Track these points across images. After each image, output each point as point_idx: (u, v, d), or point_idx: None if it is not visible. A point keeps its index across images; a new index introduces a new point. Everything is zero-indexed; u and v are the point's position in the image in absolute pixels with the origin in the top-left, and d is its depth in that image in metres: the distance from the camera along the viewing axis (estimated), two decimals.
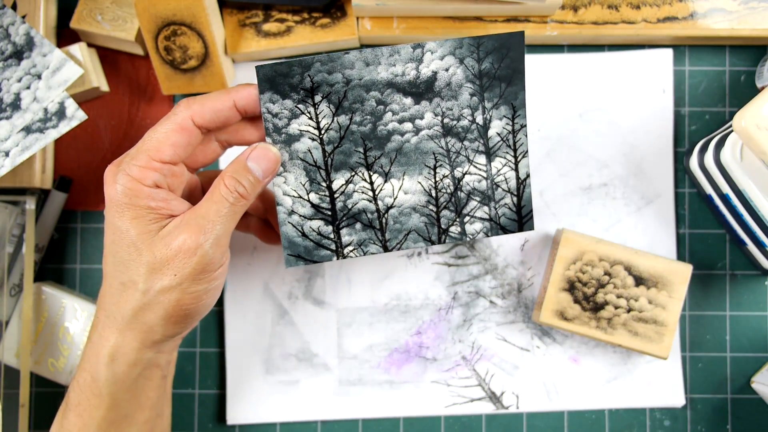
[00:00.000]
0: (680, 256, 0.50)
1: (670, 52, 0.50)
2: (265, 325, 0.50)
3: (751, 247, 0.47)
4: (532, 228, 0.43)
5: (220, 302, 0.50)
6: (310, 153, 0.41)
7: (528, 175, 0.43)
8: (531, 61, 0.50)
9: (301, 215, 0.42)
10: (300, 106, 0.40)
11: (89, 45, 0.49)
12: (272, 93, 0.40)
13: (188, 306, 0.37)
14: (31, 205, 0.48)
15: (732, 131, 0.43)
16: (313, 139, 0.41)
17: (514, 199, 0.43)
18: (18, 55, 0.45)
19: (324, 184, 0.42)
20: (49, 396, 0.50)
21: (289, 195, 0.41)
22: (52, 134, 0.45)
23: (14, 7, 0.47)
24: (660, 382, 0.49)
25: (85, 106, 0.50)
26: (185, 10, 0.45)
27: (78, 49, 0.47)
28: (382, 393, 0.49)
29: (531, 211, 0.43)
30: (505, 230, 0.43)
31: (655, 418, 0.50)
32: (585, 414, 0.50)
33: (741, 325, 0.50)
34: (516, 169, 0.43)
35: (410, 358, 0.50)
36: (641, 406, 0.50)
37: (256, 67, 0.40)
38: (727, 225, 0.48)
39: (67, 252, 0.51)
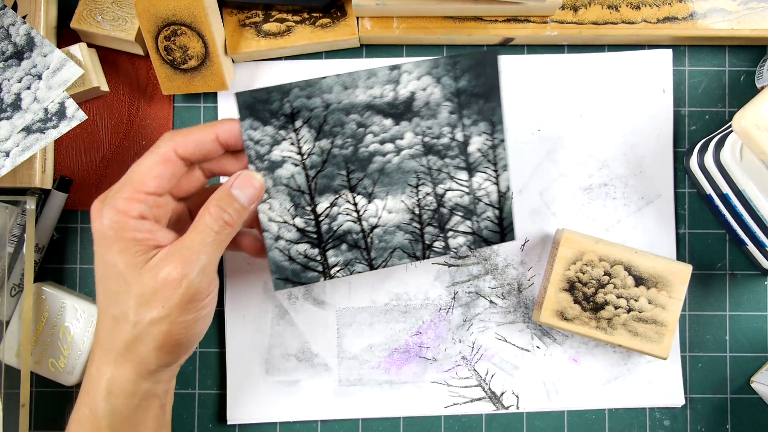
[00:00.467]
0: (680, 256, 0.50)
1: (669, 52, 0.50)
2: (265, 326, 0.50)
3: (751, 247, 0.47)
4: (513, 239, 0.44)
5: (221, 302, 0.50)
6: (294, 178, 0.42)
7: (509, 188, 0.43)
8: (531, 61, 0.50)
9: (287, 240, 0.42)
10: (281, 132, 0.41)
11: (89, 45, 0.49)
12: (253, 120, 0.40)
13: (178, 336, 0.37)
14: (31, 205, 0.48)
15: (732, 131, 0.43)
16: (296, 165, 0.42)
17: (496, 212, 0.44)
18: (18, 55, 0.45)
19: (309, 208, 0.42)
20: (49, 396, 0.50)
21: (274, 221, 0.42)
22: (53, 134, 0.45)
23: (15, 7, 0.47)
24: (660, 382, 0.49)
25: (85, 106, 0.50)
26: (185, 10, 0.45)
27: (78, 49, 0.47)
28: (382, 393, 0.49)
29: (512, 222, 0.44)
30: (488, 242, 0.44)
31: (655, 418, 0.50)
32: (585, 414, 0.50)
33: (741, 325, 0.50)
34: (497, 183, 0.43)
35: (410, 358, 0.50)
36: (641, 406, 0.50)
37: (235, 94, 0.40)
38: (727, 225, 0.48)
39: (67, 252, 0.51)
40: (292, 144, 0.41)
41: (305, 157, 0.42)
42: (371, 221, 0.43)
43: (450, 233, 0.44)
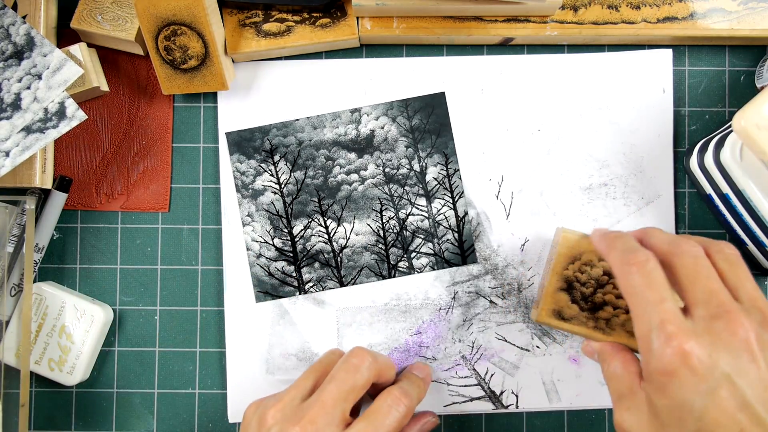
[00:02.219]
0: None
1: (669, 52, 0.50)
2: (265, 325, 0.50)
3: (751, 247, 0.47)
4: (475, 261, 0.49)
5: (221, 302, 0.50)
6: (273, 204, 0.49)
7: (466, 213, 0.49)
8: (531, 61, 0.50)
9: (267, 257, 0.49)
10: (263, 164, 0.49)
11: (89, 45, 0.49)
12: (239, 154, 0.49)
13: None
14: (31, 205, 0.48)
15: (732, 131, 0.43)
16: (275, 192, 0.49)
17: (456, 235, 0.49)
18: (18, 55, 0.45)
19: (286, 230, 0.49)
20: (49, 396, 0.50)
21: (256, 241, 0.49)
22: (53, 134, 0.45)
23: (15, 7, 0.47)
24: None
25: (85, 106, 0.50)
26: (185, 10, 0.45)
27: (78, 49, 0.47)
28: None
29: (472, 245, 0.49)
30: (450, 263, 0.49)
31: None
32: (585, 414, 0.50)
33: None
34: (454, 208, 0.49)
35: (410, 357, 0.50)
36: None
37: (225, 133, 0.49)
38: (727, 225, 0.48)
39: (67, 252, 0.51)
40: (271, 175, 0.49)
41: (283, 186, 0.49)
42: (340, 242, 0.49)
43: (413, 254, 0.49)
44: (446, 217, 0.49)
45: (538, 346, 0.50)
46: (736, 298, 0.35)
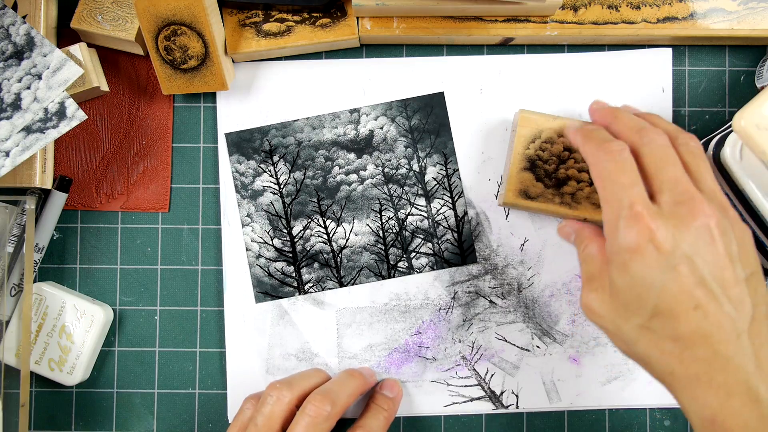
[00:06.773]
0: None
1: (669, 51, 0.50)
2: (264, 325, 0.50)
3: None
4: (474, 261, 0.49)
5: (221, 302, 0.50)
6: (272, 205, 0.49)
7: (466, 213, 0.49)
8: (531, 61, 0.50)
9: (266, 258, 0.49)
10: (262, 165, 0.49)
11: (89, 45, 0.49)
12: (239, 155, 0.49)
13: None
14: (31, 205, 0.48)
15: (732, 131, 0.43)
16: (274, 193, 0.49)
17: (455, 235, 0.49)
18: (18, 55, 0.45)
19: (285, 230, 0.49)
20: (49, 396, 0.50)
21: (256, 242, 0.49)
22: (53, 134, 0.45)
23: (15, 7, 0.47)
24: None
25: (85, 106, 0.50)
26: (185, 10, 0.45)
27: (78, 49, 0.47)
28: None
29: (472, 245, 0.49)
30: (450, 263, 0.49)
31: (655, 418, 0.50)
32: (585, 414, 0.50)
33: None
34: (454, 208, 0.49)
35: (410, 358, 0.50)
36: (641, 406, 0.50)
37: (225, 134, 0.49)
38: None
39: (67, 252, 0.51)
40: (270, 176, 0.49)
41: (282, 186, 0.49)
42: (340, 242, 0.49)
43: (413, 254, 0.49)
44: (446, 217, 0.49)
45: (538, 346, 0.50)
46: (698, 188, 0.37)
